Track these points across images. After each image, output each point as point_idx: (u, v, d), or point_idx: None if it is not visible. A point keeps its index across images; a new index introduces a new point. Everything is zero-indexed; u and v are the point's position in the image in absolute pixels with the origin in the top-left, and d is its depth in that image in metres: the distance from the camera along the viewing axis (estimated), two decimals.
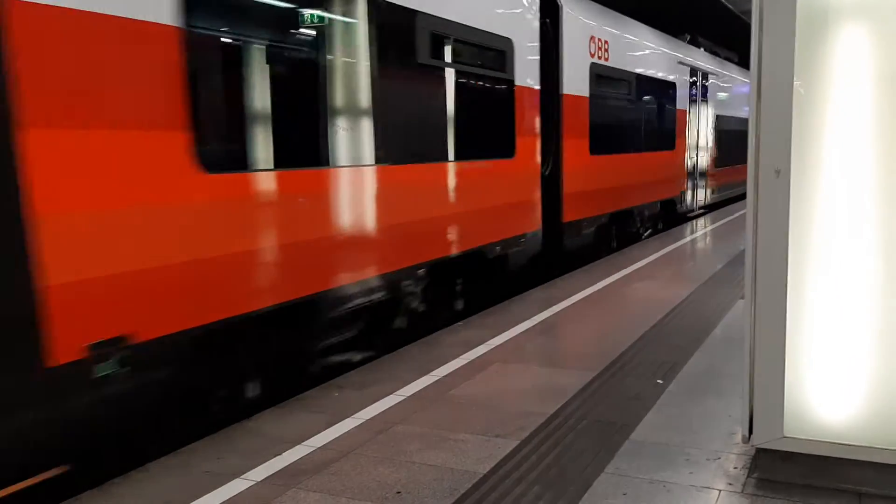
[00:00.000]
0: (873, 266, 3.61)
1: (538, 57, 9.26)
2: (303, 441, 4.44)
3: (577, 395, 5.12)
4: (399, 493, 3.79)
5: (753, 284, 3.65)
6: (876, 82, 3.52)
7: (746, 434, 3.80)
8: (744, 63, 21.86)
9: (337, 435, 4.54)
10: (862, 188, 3.58)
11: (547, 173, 9.85)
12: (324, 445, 4.39)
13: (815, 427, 3.69)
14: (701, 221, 16.04)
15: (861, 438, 3.61)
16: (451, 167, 7.61)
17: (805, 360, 3.69)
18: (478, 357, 6.11)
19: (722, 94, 19.15)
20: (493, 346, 6.41)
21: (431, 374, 5.68)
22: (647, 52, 13.19)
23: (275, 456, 4.24)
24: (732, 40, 22.34)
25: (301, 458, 4.23)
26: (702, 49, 18.58)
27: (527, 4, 8.98)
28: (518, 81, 8.75)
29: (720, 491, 3.70)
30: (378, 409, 4.95)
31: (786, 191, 3.54)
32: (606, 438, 4.38)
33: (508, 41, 8.46)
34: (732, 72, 20.77)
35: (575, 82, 10.19)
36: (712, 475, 3.88)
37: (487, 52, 8.24)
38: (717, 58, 19.92)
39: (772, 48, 3.51)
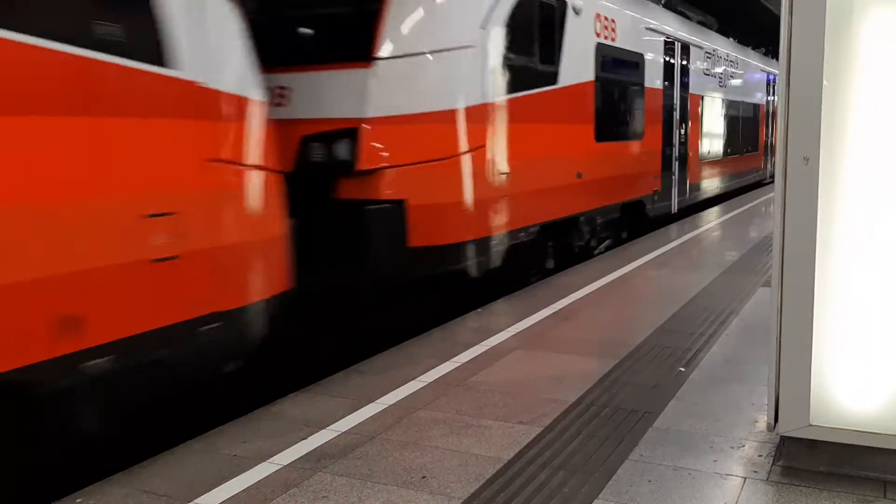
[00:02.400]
0: None
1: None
2: (327, 425, 4.48)
3: (598, 383, 5.13)
4: (424, 477, 3.82)
5: (781, 271, 3.64)
6: None
7: (772, 422, 3.80)
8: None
9: (361, 420, 4.57)
10: (890, 175, 3.56)
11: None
12: (348, 430, 4.43)
13: (840, 415, 3.68)
14: None
15: (886, 427, 3.60)
16: None
17: (830, 348, 3.68)
18: (499, 343, 6.13)
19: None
20: (513, 333, 6.43)
21: (453, 360, 5.70)
22: None
23: (301, 440, 4.28)
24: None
25: (326, 441, 4.27)
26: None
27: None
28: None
29: (745, 478, 3.71)
30: (401, 395, 4.98)
31: (814, 178, 3.53)
32: (630, 426, 4.40)
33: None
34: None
35: None
36: (736, 462, 3.89)
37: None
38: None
39: (801, 38, 3.49)
